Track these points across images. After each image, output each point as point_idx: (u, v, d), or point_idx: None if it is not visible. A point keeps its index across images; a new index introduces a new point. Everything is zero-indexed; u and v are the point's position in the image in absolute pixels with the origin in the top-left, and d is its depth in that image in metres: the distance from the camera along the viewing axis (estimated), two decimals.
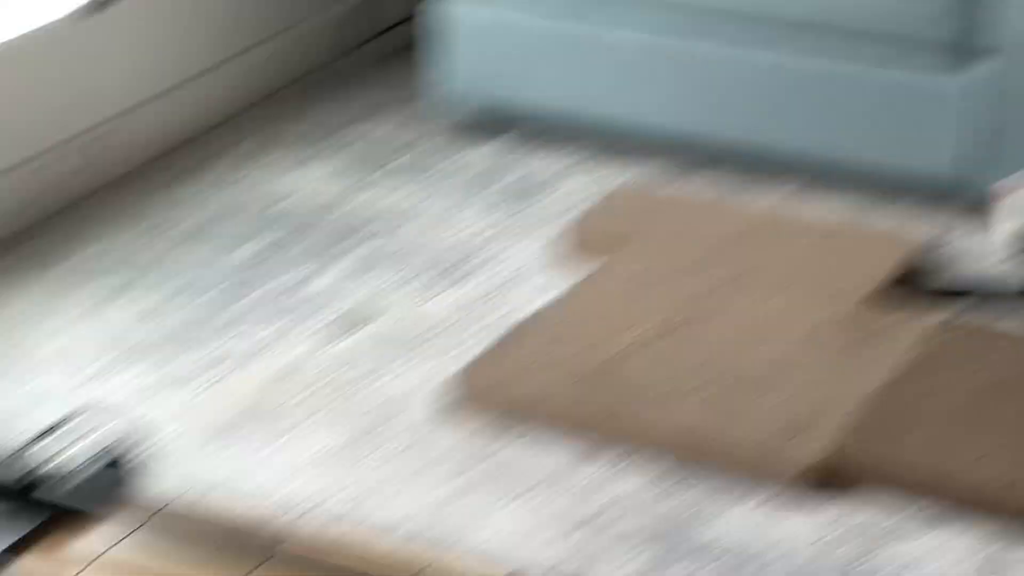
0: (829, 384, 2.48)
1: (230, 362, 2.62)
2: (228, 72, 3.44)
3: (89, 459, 2.31)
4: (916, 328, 2.60)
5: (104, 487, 2.29)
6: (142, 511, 2.26)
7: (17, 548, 2.19)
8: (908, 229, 2.99)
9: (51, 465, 2.29)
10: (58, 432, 2.33)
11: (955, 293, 2.75)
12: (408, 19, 3.70)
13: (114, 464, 2.31)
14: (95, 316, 2.76)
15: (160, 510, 2.26)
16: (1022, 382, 2.47)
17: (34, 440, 2.32)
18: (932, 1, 2.84)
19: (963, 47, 2.84)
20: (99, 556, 2.18)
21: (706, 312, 2.66)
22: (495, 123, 3.35)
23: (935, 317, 2.66)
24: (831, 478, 2.31)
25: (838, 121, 3.00)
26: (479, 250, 2.96)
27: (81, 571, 2.16)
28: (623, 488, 2.33)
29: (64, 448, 2.32)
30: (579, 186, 3.18)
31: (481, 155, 3.31)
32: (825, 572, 2.18)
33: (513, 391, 2.48)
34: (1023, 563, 2.19)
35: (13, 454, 2.29)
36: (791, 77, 3.00)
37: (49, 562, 2.18)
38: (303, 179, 3.22)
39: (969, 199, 2.94)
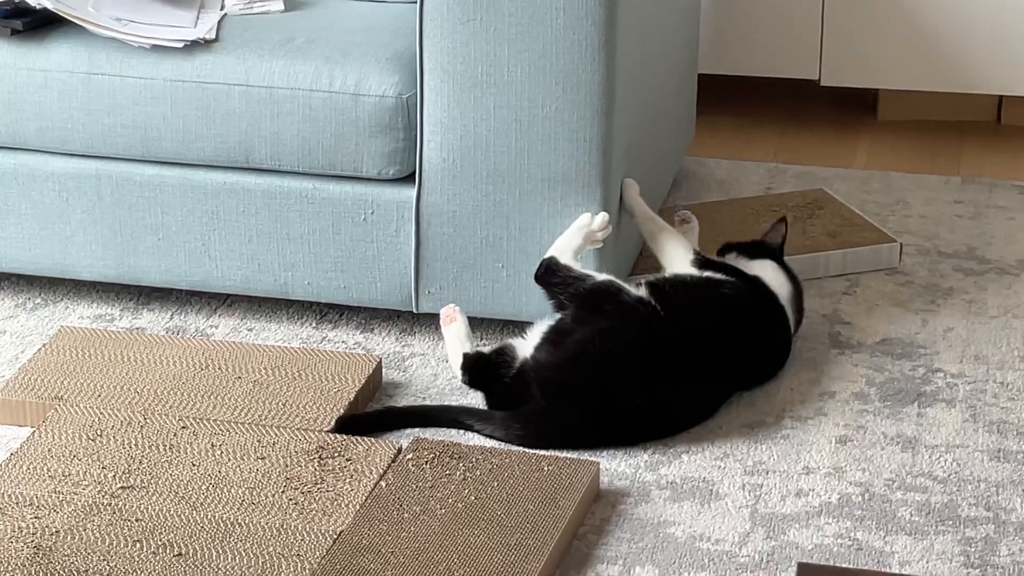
0: (298, 527, 2.40)
1: None
2: None
3: None
4: (386, 453, 2.56)
5: None
6: None
7: None
8: (367, 346, 2.96)
9: None
10: None
11: (414, 414, 2.73)
12: None
13: None
14: None
15: None
16: (485, 504, 2.45)
17: None
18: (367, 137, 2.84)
19: (395, 174, 2.86)
20: None
21: (155, 468, 2.53)
22: None
23: (401, 439, 2.64)
24: None
25: (279, 246, 2.95)
26: None
27: None
28: None
29: None
30: (22, 329, 3.02)
31: None
32: None
33: None
34: None
35: None
36: (223, 211, 2.95)
37: None
38: None
39: (422, 311, 2.92)
